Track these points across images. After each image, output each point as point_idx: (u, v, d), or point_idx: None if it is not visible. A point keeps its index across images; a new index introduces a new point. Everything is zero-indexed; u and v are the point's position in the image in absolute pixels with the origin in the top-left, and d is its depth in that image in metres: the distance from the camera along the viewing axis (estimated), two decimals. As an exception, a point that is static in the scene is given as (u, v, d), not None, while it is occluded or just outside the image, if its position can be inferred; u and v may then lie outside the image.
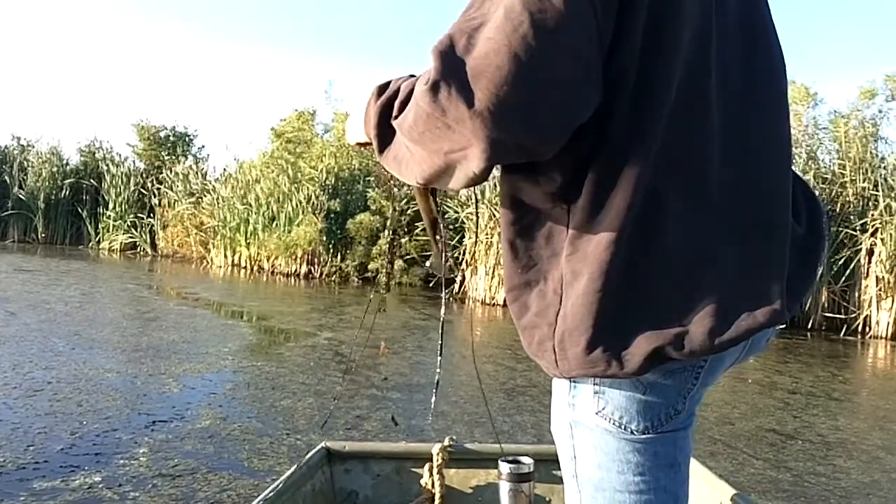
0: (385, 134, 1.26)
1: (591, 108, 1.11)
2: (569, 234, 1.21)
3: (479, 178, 1.12)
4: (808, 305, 11.50)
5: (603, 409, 1.25)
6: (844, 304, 11.53)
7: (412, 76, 1.27)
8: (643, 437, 1.25)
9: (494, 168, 1.14)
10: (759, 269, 1.23)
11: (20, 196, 21.83)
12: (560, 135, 1.10)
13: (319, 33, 34.82)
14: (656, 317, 1.18)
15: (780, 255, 1.27)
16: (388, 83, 1.31)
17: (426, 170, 1.17)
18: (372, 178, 16.86)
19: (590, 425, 1.28)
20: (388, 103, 1.25)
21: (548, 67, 1.04)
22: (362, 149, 1.57)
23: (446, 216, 14.88)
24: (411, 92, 1.16)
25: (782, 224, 1.29)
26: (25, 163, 22.62)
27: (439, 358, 1.87)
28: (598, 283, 1.16)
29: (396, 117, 1.18)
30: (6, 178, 22.43)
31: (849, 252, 11.40)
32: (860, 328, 11.40)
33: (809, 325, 11.64)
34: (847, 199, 11.72)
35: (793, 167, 1.40)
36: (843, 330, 11.43)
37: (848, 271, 11.41)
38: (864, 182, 11.72)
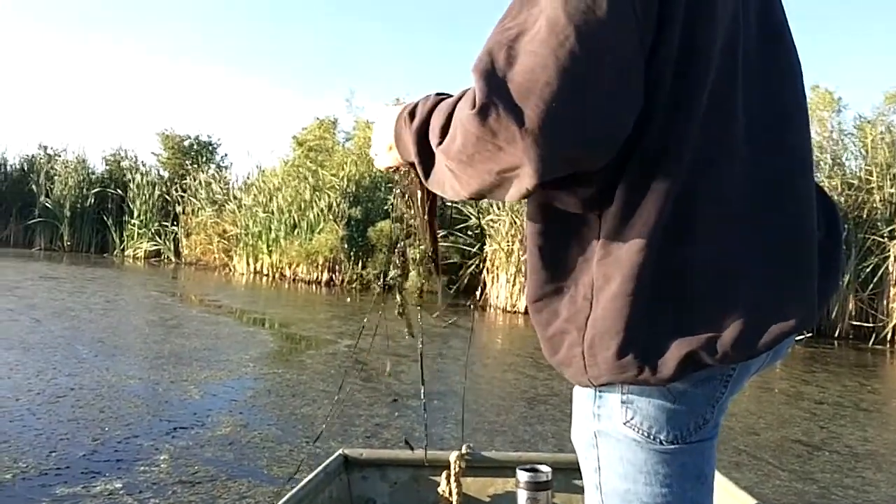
0: (427, 160, 1.26)
1: (636, 115, 1.10)
2: (601, 239, 1.21)
3: (533, 192, 1.12)
4: (835, 313, 11.38)
5: (631, 418, 1.24)
6: (872, 312, 11.39)
7: (440, 95, 1.28)
8: (671, 447, 1.24)
9: None
10: (789, 274, 1.23)
11: (46, 204, 22.06)
12: (613, 145, 1.10)
13: (340, 41, 35.01)
14: (689, 322, 1.17)
15: (810, 260, 1.26)
16: (416, 105, 1.30)
17: (476, 187, 1.17)
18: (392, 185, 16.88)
19: (616, 436, 1.26)
20: (424, 128, 1.25)
21: (597, 81, 1.03)
22: (392, 172, 1.57)
23: (468, 222, 14.88)
24: (450, 114, 1.16)
25: (811, 229, 1.28)
26: (52, 172, 22.86)
27: (422, 376, 1.85)
28: (629, 286, 1.15)
29: (440, 143, 1.17)
30: (33, 186, 22.69)
31: (876, 259, 11.26)
32: (889, 337, 11.25)
33: (837, 334, 11.51)
34: (874, 205, 11.58)
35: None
36: (872, 339, 11.27)
37: (876, 279, 11.26)
38: (891, 188, 11.59)
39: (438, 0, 33.50)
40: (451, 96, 1.24)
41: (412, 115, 1.30)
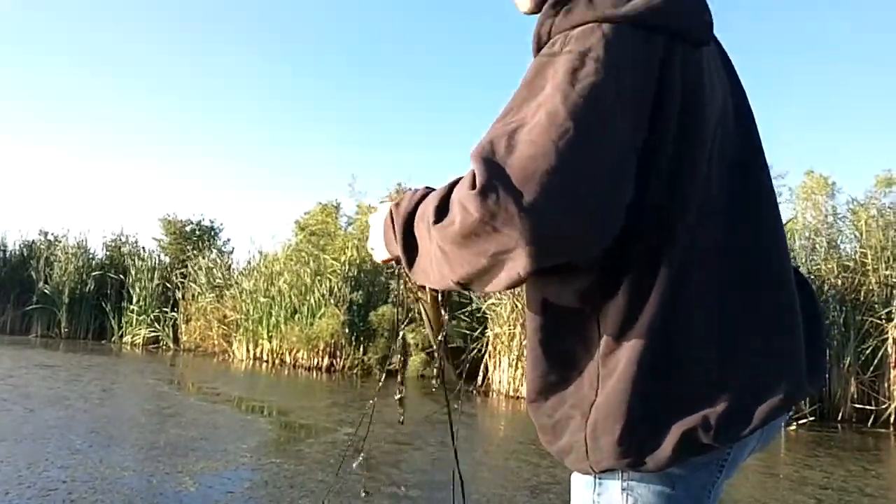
0: (410, 247, 1.30)
1: (625, 206, 1.16)
2: (602, 333, 1.26)
3: (522, 280, 1.15)
4: (837, 396, 11.29)
5: None
6: (874, 394, 11.28)
7: (428, 188, 1.33)
8: None
9: None
10: (776, 353, 1.29)
11: (45, 290, 22.01)
12: (608, 234, 1.15)
13: (342, 123, 35.55)
14: (686, 406, 1.22)
15: (795, 338, 1.33)
16: (403, 198, 1.35)
17: (467, 271, 1.19)
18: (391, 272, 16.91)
19: None
20: (410, 218, 1.30)
21: (595, 172, 1.10)
22: (389, 265, 1.60)
23: (469, 306, 14.85)
24: (445, 197, 1.20)
25: (796, 310, 1.36)
26: (52, 258, 22.88)
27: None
28: (631, 373, 1.21)
29: (436, 222, 1.20)
30: (32, 272, 22.68)
31: (875, 341, 11.21)
32: (891, 419, 11.11)
33: (839, 417, 11.37)
34: (870, 287, 11.58)
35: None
36: (874, 421, 11.13)
37: (876, 361, 11.20)
38: (886, 270, 11.62)
39: (437, 89, 34.09)
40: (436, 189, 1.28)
41: (398, 206, 1.35)
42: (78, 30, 35.87)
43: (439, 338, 1.67)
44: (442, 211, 1.20)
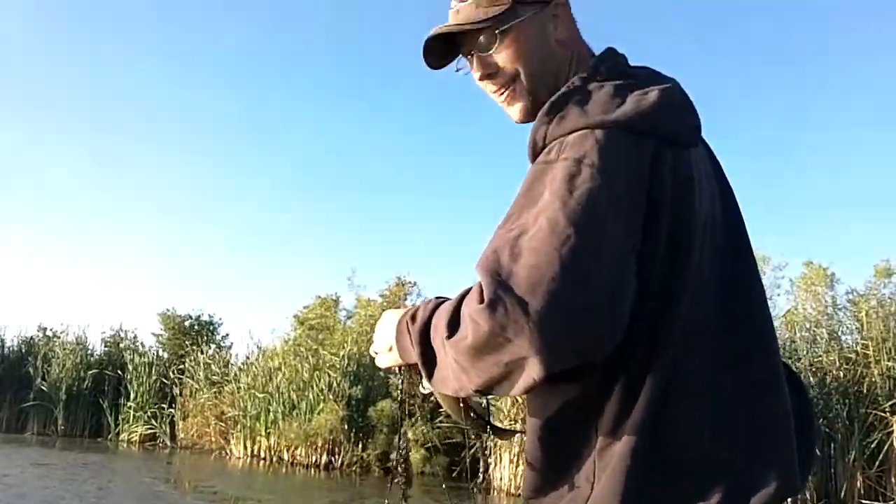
0: (430, 360, 1.31)
1: (630, 309, 1.19)
2: (599, 432, 1.28)
3: (539, 385, 1.16)
4: (843, 492, 11.09)
5: None
6: (881, 489, 11.10)
7: (439, 298, 1.36)
8: None
9: None
10: (768, 447, 1.31)
11: (42, 387, 21.82)
12: (616, 334, 1.17)
13: (342, 213, 35.83)
14: (678, 498, 1.24)
15: (786, 431, 1.35)
16: (418, 309, 1.38)
17: (484, 380, 1.22)
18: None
19: None
20: (426, 330, 1.31)
21: (598, 275, 1.14)
22: (393, 371, 1.62)
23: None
24: (455, 310, 1.23)
25: (787, 410, 1.37)
26: (50, 354, 22.74)
27: None
28: (625, 468, 1.22)
29: (449, 337, 1.23)
30: (30, 369, 22.52)
31: (880, 435, 11.07)
32: (900, 515, 10.91)
33: (847, 513, 11.19)
34: (873, 379, 11.50)
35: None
36: (883, 517, 10.92)
37: (881, 455, 11.04)
38: (889, 361, 11.56)
39: (437, 184, 34.52)
40: (449, 299, 1.31)
41: (413, 318, 1.36)
42: (79, 130, 36.49)
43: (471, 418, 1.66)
44: (454, 325, 1.22)
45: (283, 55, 37.41)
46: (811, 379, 11.60)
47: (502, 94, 1.52)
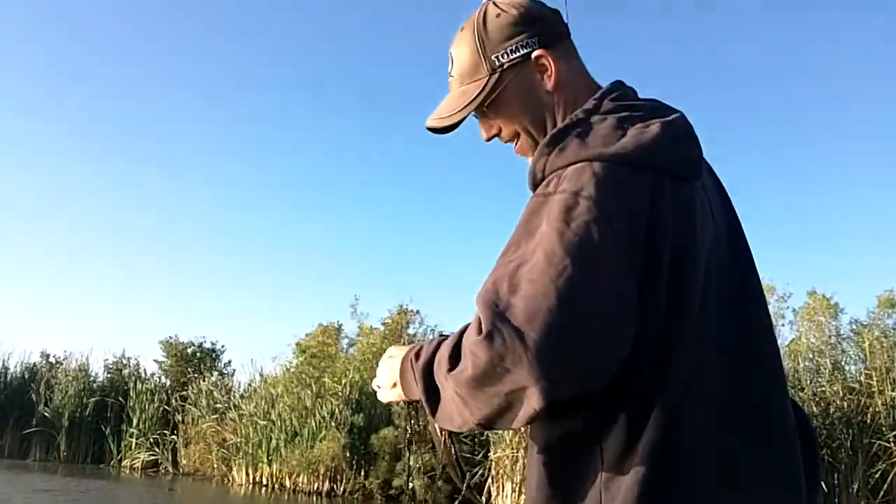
0: (433, 396, 1.33)
1: (633, 334, 1.20)
2: (605, 455, 1.27)
3: (541, 415, 1.18)
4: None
5: None
6: (886, 520, 11.04)
7: (442, 335, 1.39)
8: None
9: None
10: (778, 487, 1.31)
11: (45, 414, 21.74)
12: (615, 364, 1.19)
13: (343, 245, 35.83)
14: None
15: (794, 471, 1.35)
16: (422, 347, 1.40)
17: (485, 413, 1.23)
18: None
19: None
20: (429, 366, 1.33)
21: (596, 306, 1.15)
22: (396, 404, 1.66)
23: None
24: (457, 344, 1.25)
25: (795, 448, 1.37)
26: (53, 380, 22.68)
27: None
28: (634, 498, 1.20)
29: (450, 370, 1.25)
30: (33, 395, 22.45)
31: (885, 465, 11.01)
32: (906, 547, 10.82)
33: (852, 544, 11.12)
34: (877, 409, 11.46)
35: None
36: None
37: (885, 485, 10.97)
38: (892, 392, 11.52)
39: (444, 209, 34.53)
40: (449, 336, 1.33)
41: (417, 355, 1.38)
42: (79, 149, 36.66)
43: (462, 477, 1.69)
44: (455, 358, 1.24)
45: (284, 80, 37.59)
46: (814, 409, 11.55)
47: (514, 147, 1.58)
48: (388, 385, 1.51)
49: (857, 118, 28.76)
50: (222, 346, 24.06)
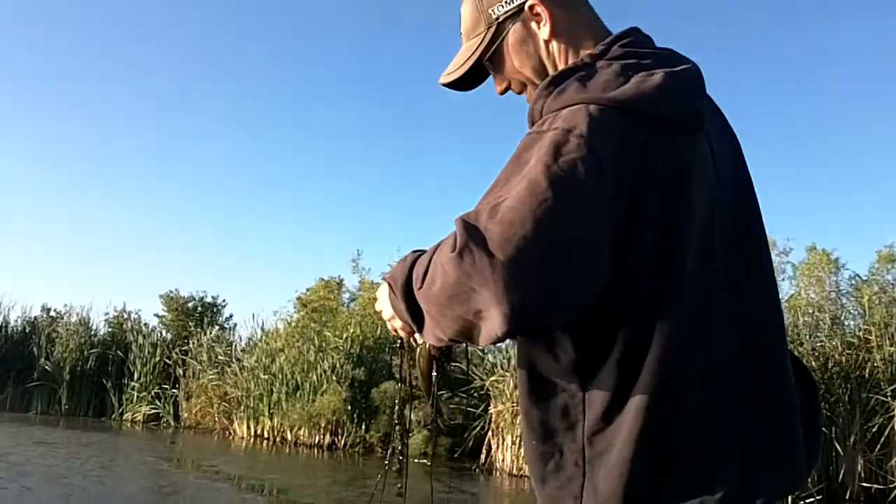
0: (416, 313, 1.32)
1: (604, 282, 1.19)
2: (588, 405, 1.27)
3: (503, 338, 1.18)
4: (842, 475, 11.09)
5: None
6: (882, 473, 11.10)
7: (416, 251, 1.37)
8: None
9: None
10: (775, 437, 1.31)
11: (46, 367, 21.84)
12: (578, 303, 1.19)
13: (344, 200, 35.78)
14: (683, 486, 1.23)
15: (792, 422, 1.35)
16: (396, 268, 1.38)
17: (454, 329, 1.23)
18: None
19: None
20: (408, 285, 1.32)
21: (569, 241, 1.15)
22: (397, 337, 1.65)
23: (472, 384, 14.71)
24: (430, 261, 1.25)
25: (793, 393, 1.37)
26: (54, 334, 22.77)
27: None
28: (629, 456, 1.21)
29: (420, 288, 1.25)
30: (34, 349, 22.55)
31: (882, 419, 11.07)
32: (900, 499, 10.90)
33: (847, 496, 11.19)
34: (875, 364, 11.49)
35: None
36: (882, 501, 10.91)
37: (882, 439, 11.03)
38: (891, 347, 11.54)
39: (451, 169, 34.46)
40: (425, 251, 1.33)
41: (394, 278, 1.37)
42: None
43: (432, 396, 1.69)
44: (426, 274, 1.25)
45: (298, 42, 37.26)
46: (813, 363, 11.58)
47: (526, 97, 1.57)
48: (388, 318, 1.49)
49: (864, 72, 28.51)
50: (223, 301, 24.14)
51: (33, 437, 15.31)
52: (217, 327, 22.71)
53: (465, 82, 1.61)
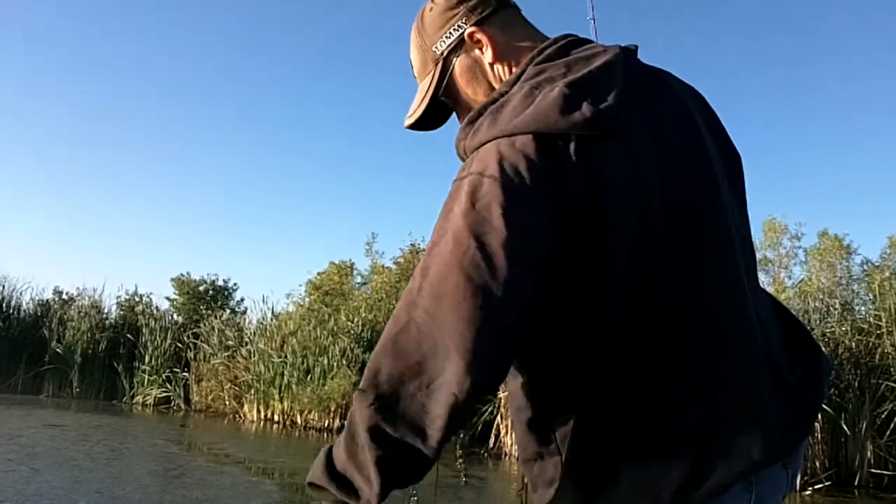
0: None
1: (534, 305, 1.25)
2: (559, 410, 1.32)
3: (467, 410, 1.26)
4: (853, 461, 11.05)
5: None
6: (891, 459, 11.06)
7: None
8: None
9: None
10: (741, 416, 1.29)
11: (57, 350, 21.96)
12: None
13: (357, 185, 35.86)
14: (646, 470, 1.25)
15: (760, 399, 1.32)
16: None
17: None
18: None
19: None
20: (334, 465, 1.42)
21: (492, 287, 1.19)
22: None
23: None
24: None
25: (760, 374, 1.34)
26: (65, 317, 22.87)
27: None
28: (588, 441, 1.26)
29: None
30: (45, 332, 22.65)
31: (891, 405, 11.01)
32: (910, 485, 10.85)
33: (856, 482, 11.15)
34: (885, 349, 11.43)
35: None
36: (891, 487, 10.87)
37: (892, 425, 10.98)
38: (902, 333, 11.47)
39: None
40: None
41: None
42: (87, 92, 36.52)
43: None
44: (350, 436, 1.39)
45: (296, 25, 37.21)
46: (823, 349, 11.52)
47: None
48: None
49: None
50: (234, 284, 24.24)
51: (44, 419, 15.41)
52: (228, 311, 22.79)
53: (428, 121, 1.64)
